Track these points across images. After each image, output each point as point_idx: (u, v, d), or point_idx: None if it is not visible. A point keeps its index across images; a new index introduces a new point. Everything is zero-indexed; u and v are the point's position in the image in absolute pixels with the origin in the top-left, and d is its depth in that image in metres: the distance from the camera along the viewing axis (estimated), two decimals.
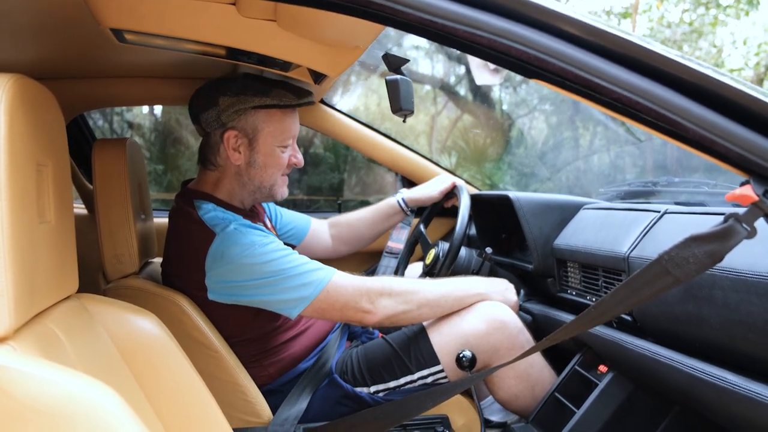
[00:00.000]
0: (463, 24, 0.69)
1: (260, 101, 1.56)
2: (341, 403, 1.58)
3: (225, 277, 1.49)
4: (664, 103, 0.69)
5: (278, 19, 1.13)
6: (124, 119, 4.83)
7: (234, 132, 1.58)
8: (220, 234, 1.51)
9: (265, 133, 1.59)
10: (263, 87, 1.58)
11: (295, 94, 1.60)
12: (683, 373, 1.15)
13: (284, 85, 1.60)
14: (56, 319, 0.91)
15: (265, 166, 1.61)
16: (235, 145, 1.59)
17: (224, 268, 1.48)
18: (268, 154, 1.60)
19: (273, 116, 1.59)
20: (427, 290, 1.58)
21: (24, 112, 0.78)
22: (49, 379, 0.69)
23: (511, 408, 1.65)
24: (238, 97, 1.56)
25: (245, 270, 1.48)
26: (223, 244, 1.49)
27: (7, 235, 0.71)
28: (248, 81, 1.59)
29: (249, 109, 1.57)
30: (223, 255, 1.48)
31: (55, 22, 1.20)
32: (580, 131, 6.12)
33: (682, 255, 0.73)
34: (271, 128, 1.59)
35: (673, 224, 1.30)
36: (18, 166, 0.75)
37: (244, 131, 1.59)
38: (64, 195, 0.95)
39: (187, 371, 1.17)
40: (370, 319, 1.52)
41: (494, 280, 1.71)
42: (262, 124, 1.58)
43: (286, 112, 1.61)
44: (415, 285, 1.59)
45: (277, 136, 1.60)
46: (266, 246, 1.50)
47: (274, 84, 1.59)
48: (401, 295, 1.54)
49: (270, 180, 1.63)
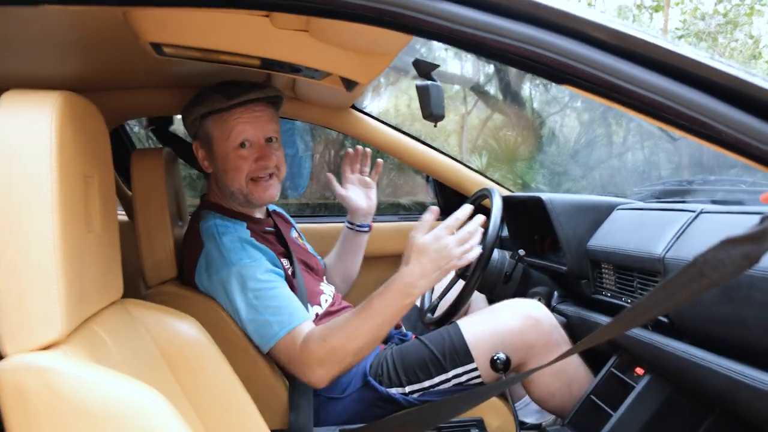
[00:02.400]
0: (492, 33, 0.71)
1: (198, 110, 1.62)
2: (376, 405, 1.59)
3: (207, 288, 1.56)
4: (696, 107, 0.69)
5: (310, 29, 1.15)
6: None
7: (197, 143, 1.68)
8: (206, 244, 1.57)
9: (216, 138, 1.63)
10: (202, 95, 1.63)
11: (227, 95, 1.60)
12: (722, 375, 1.14)
13: (221, 89, 1.62)
14: (103, 323, 0.95)
15: (226, 171, 1.64)
16: (201, 155, 1.68)
17: (205, 278, 1.55)
18: (225, 158, 1.63)
19: (216, 121, 1.62)
20: (354, 338, 1.43)
21: (72, 127, 0.81)
22: (98, 382, 0.72)
23: (547, 407, 1.65)
24: (189, 109, 1.65)
25: (220, 284, 1.52)
26: (208, 255, 1.56)
27: (59, 245, 0.75)
28: (198, 92, 1.66)
29: (199, 119, 1.64)
30: (207, 266, 1.55)
31: (98, 38, 1.25)
32: (613, 128, 6.05)
33: (718, 257, 0.72)
34: (218, 133, 1.62)
35: (710, 224, 1.29)
36: (67, 178, 0.78)
37: (203, 140, 1.66)
38: (109, 204, 0.99)
39: (226, 373, 1.20)
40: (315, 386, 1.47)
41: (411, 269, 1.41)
42: (212, 131, 1.63)
43: (229, 113, 1.61)
44: (339, 342, 1.42)
45: (226, 140, 1.62)
46: (244, 267, 1.51)
47: (214, 90, 1.62)
48: (335, 352, 1.42)
49: (235, 184, 1.64)
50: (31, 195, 0.74)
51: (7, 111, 0.76)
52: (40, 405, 0.70)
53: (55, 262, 0.74)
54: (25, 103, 0.78)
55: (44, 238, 0.74)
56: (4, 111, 0.76)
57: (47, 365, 0.71)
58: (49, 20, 1.10)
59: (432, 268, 1.40)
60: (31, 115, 0.76)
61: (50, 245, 0.74)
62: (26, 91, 0.80)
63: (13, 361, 0.72)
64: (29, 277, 0.74)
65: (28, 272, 0.74)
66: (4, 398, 0.71)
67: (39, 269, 0.74)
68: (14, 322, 0.73)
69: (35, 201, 0.74)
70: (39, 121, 0.76)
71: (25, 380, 0.71)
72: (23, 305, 0.73)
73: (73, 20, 1.11)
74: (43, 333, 0.74)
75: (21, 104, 0.77)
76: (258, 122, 1.63)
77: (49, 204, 0.75)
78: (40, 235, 0.74)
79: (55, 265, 0.74)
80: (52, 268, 0.74)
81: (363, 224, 2.00)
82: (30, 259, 0.74)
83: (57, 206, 0.75)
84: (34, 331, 0.74)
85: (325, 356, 1.42)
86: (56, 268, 0.74)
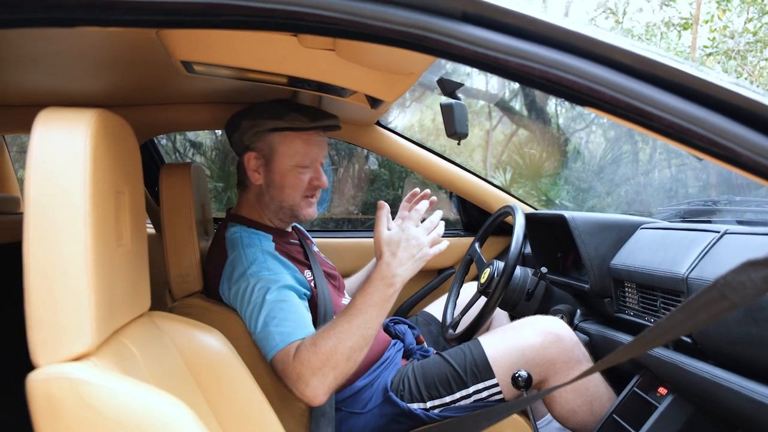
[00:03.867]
0: (515, 56, 0.72)
1: (274, 124, 1.64)
2: (397, 420, 1.59)
3: (228, 298, 1.58)
4: (717, 130, 0.69)
5: (337, 49, 1.18)
6: (187, 138, 5.00)
7: (253, 153, 1.68)
8: (230, 255, 1.60)
9: (281, 153, 1.66)
10: (279, 110, 1.65)
11: (310, 117, 1.65)
12: (745, 397, 1.13)
13: (300, 109, 1.66)
14: (131, 335, 0.97)
15: (282, 187, 1.68)
16: (254, 165, 1.69)
17: (227, 288, 1.57)
18: (284, 174, 1.67)
19: (287, 138, 1.65)
20: (344, 339, 1.42)
21: (106, 143, 0.84)
22: (127, 394, 0.74)
23: (569, 425, 1.64)
24: (256, 120, 1.65)
25: (238, 295, 1.54)
26: (232, 265, 1.57)
27: (91, 259, 0.77)
28: (267, 105, 1.68)
29: (266, 132, 1.66)
30: (229, 276, 1.57)
31: (131, 55, 1.29)
32: (639, 145, 6.00)
33: (739, 279, 0.72)
34: (286, 149, 1.66)
35: (734, 245, 1.28)
36: (100, 194, 0.81)
37: (262, 152, 1.68)
38: (139, 219, 1.01)
39: (249, 386, 1.22)
40: (311, 403, 1.42)
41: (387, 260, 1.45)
42: (278, 146, 1.66)
43: (301, 134, 1.66)
44: (329, 346, 1.40)
45: (293, 156, 1.66)
46: (263, 280, 1.51)
47: (291, 108, 1.66)
48: (327, 357, 1.40)
49: (289, 200, 1.69)
50: (64, 209, 0.76)
51: (44, 128, 0.79)
52: (70, 415, 0.72)
53: (87, 275, 0.76)
54: (61, 121, 0.80)
55: (77, 252, 0.76)
56: (41, 129, 0.79)
57: (78, 376, 0.73)
58: (85, 39, 1.14)
59: (406, 256, 1.45)
60: (67, 133, 0.79)
61: (82, 259, 0.76)
62: (62, 109, 0.82)
63: (44, 371, 0.74)
64: (62, 289, 0.76)
65: (61, 285, 0.76)
66: (35, 408, 0.73)
67: (71, 282, 0.76)
68: (46, 334, 0.75)
69: (69, 215, 0.76)
70: (74, 139, 0.79)
71: (56, 391, 0.73)
72: (55, 317, 0.75)
73: (107, 40, 1.15)
74: (74, 344, 0.76)
75: (57, 122, 0.80)
76: (322, 146, 1.71)
77: (82, 218, 0.77)
78: (72, 249, 0.76)
79: (86, 278, 0.76)
80: (84, 281, 0.76)
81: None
82: (62, 272, 0.76)
83: (89, 221, 0.77)
84: (66, 342, 0.76)
85: (318, 364, 1.39)
86: (88, 281, 0.76)
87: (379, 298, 1.44)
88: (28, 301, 0.75)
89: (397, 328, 1.89)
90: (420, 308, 2.23)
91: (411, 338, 1.86)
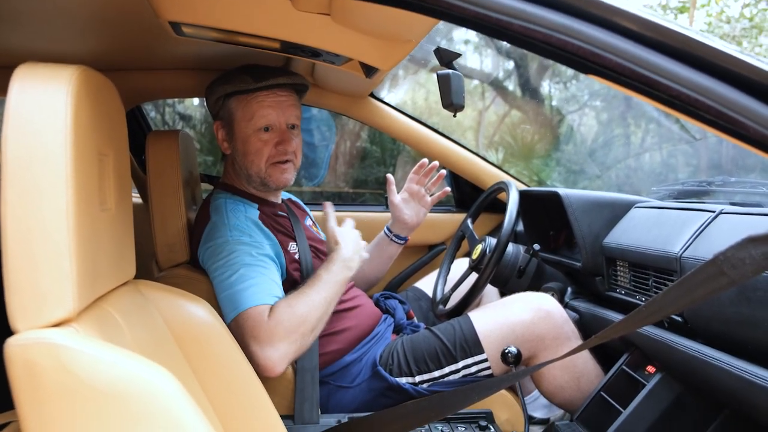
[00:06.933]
0: (518, 18, 0.69)
1: (224, 89, 1.61)
2: (385, 395, 1.59)
3: (203, 257, 1.55)
4: (725, 101, 0.67)
5: (332, 12, 1.14)
6: (176, 111, 4.93)
7: (219, 122, 1.67)
8: (212, 218, 1.58)
9: (238, 119, 1.63)
10: (229, 75, 1.62)
11: (255, 77, 1.59)
12: (734, 375, 1.12)
13: (246, 70, 1.61)
14: (115, 303, 0.94)
15: (245, 153, 1.64)
16: (222, 135, 1.68)
17: (204, 248, 1.55)
18: (245, 141, 1.63)
19: (241, 102, 1.62)
20: (313, 308, 1.45)
21: (88, 102, 0.80)
22: (109, 361, 0.72)
23: (556, 401, 1.64)
24: (214, 88, 1.63)
25: (214, 253, 1.51)
26: (212, 226, 1.56)
27: (72, 222, 0.74)
28: (224, 73, 1.64)
29: (223, 99, 1.63)
30: (207, 237, 1.55)
31: (116, 14, 1.24)
32: (631, 128, 5.99)
33: (738, 256, 0.71)
34: (242, 114, 1.62)
35: (729, 225, 1.27)
36: (82, 155, 0.78)
37: (224, 120, 1.66)
38: (124, 184, 0.98)
39: (236, 356, 1.20)
40: (267, 372, 1.39)
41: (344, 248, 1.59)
42: (235, 112, 1.63)
43: (255, 95, 1.61)
44: (303, 311, 1.43)
45: (249, 120, 1.62)
46: (241, 243, 1.50)
47: (242, 70, 1.62)
48: (301, 322, 1.42)
49: (254, 167, 1.65)
50: (45, 169, 0.73)
51: (22, 84, 0.75)
52: (50, 382, 0.70)
53: (68, 238, 0.73)
54: (40, 76, 0.76)
55: (58, 214, 0.73)
56: (18, 84, 0.75)
57: (58, 342, 0.71)
58: None
59: (353, 249, 1.59)
60: (46, 89, 0.75)
61: (63, 221, 0.73)
62: (41, 65, 0.78)
63: (23, 337, 0.71)
64: (42, 252, 0.73)
65: (41, 248, 0.73)
66: (14, 374, 0.70)
67: (52, 245, 0.73)
68: (26, 298, 0.73)
69: (49, 176, 0.73)
70: (54, 95, 0.75)
71: (36, 356, 0.70)
72: (35, 281, 0.73)
73: None
74: (54, 310, 0.73)
75: (36, 78, 0.76)
76: (282, 107, 1.63)
77: (63, 179, 0.74)
78: (53, 211, 0.73)
79: (68, 242, 0.73)
80: (65, 245, 0.73)
81: (402, 236, 1.97)
82: (43, 235, 0.73)
83: (71, 182, 0.74)
84: (46, 307, 0.73)
85: (292, 327, 1.39)
86: (69, 244, 0.73)
87: (342, 278, 1.53)
88: (7, 265, 0.72)
89: (388, 303, 1.88)
90: (410, 284, 2.22)
91: (401, 313, 1.84)
